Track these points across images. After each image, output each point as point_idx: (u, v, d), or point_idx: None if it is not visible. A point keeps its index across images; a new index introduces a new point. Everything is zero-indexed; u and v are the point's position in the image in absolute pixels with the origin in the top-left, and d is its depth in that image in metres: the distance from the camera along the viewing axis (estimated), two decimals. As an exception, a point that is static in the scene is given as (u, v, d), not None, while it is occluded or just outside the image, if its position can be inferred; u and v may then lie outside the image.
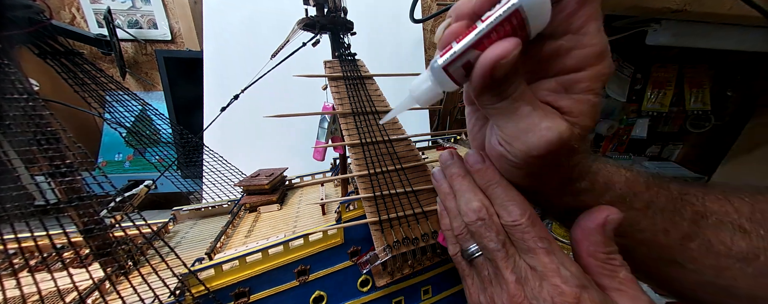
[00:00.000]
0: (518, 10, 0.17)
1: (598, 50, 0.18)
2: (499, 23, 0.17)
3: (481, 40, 0.18)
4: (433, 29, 1.16)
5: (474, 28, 0.18)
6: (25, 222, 0.29)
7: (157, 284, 0.33)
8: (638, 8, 0.66)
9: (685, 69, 1.12)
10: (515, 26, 0.17)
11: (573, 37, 0.18)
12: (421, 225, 0.41)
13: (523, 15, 0.17)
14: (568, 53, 0.19)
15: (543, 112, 0.20)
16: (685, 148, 1.30)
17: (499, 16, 0.17)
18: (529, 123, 0.20)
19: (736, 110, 1.19)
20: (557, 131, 0.19)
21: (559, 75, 0.20)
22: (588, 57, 0.19)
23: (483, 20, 0.18)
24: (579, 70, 0.19)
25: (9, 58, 0.32)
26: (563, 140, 0.19)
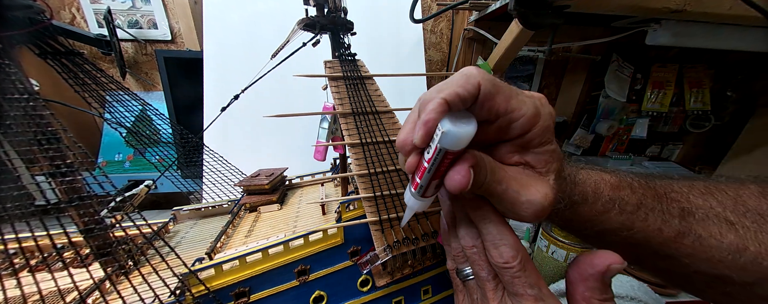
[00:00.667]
0: (447, 152, 0.20)
1: (530, 114, 0.22)
2: (440, 162, 0.21)
3: (436, 173, 0.21)
4: (433, 29, 1.16)
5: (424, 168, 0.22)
6: (25, 222, 0.29)
7: (157, 283, 0.33)
8: (638, 8, 0.66)
9: (685, 69, 1.12)
10: (451, 158, 0.20)
11: (505, 117, 0.22)
12: (421, 225, 0.41)
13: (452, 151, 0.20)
14: (509, 126, 0.22)
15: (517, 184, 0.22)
16: (685, 148, 1.30)
17: (435, 159, 0.21)
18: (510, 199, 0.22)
19: (736, 110, 1.19)
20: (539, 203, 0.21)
21: (513, 140, 0.23)
22: (526, 123, 0.22)
23: (427, 160, 0.21)
24: (525, 132, 0.22)
25: (9, 58, 0.32)
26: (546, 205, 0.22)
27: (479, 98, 0.21)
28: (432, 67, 1.21)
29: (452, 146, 0.20)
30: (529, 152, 0.23)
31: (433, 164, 0.21)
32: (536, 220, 0.23)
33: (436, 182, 0.22)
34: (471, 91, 0.20)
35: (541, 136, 0.22)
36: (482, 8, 0.88)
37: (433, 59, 1.20)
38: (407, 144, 0.22)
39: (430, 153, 0.21)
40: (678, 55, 1.12)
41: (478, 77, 0.20)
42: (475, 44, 1.07)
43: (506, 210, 0.23)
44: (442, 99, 0.20)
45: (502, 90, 0.21)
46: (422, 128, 0.20)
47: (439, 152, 0.20)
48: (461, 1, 0.86)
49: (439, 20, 1.15)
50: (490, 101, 0.21)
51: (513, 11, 0.65)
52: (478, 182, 0.21)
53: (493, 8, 0.83)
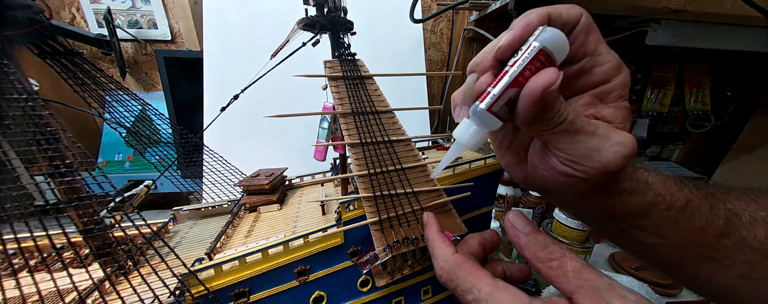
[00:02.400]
0: (542, 49, 0.19)
1: (615, 64, 0.22)
2: (529, 62, 0.19)
3: (517, 79, 0.20)
4: (433, 29, 1.16)
5: (505, 73, 0.20)
6: (24, 222, 0.29)
7: (156, 284, 0.33)
8: (638, 8, 0.66)
9: (685, 69, 1.12)
10: (543, 61, 0.20)
11: (591, 59, 0.22)
12: (421, 225, 0.41)
13: (547, 51, 0.19)
14: (591, 71, 0.22)
15: (606, 129, 0.22)
16: (685, 148, 1.30)
17: (526, 58, 0.19)
18: (599, 141, 0.21)
19: (736, 110, 1.19)
20: (630, 145, 0.21)
21: (591, 89, 0.23)
22: (609, 70, 0.22)
23: (511, 64, 0.20)
24: (606, 82, 0.22)
25: (9, 58, 0.32)
26: (634, 151, 0.21)
27: (577, 27, 0.21)
28: (432, 67, 1.21)
29: (551, 44, 0.19)
30: (607, 105, 0.23)
31: (521, 65, 0.19)
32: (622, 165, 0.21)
33: (513, 92, 0.20)
34: (573, 16, 0.20)
35: (622, 89, 0.22)
36: (482, 8, 0.88)
37: (433, 59, 1.20)
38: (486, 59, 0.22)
39: (519, 54, 0.20)
40: (678, 55, 1.12)
41: (581, 9, 0.21)
42: (475, 44, 1.07)
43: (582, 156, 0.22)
44: (547, 10, 0.20)
45: (597, 31, 0.21)
46: (519, 29, 0.20)
47: (531, 51, 0.19)
48: (461, 1, 0.86)
49: (439, 20, 1.15)
50: (585, 35, 0.21)
51: (513, 11, 0.65)
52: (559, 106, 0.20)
53: (493, 8, 0.83)
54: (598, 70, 0.22)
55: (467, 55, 1.09)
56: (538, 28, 0.20)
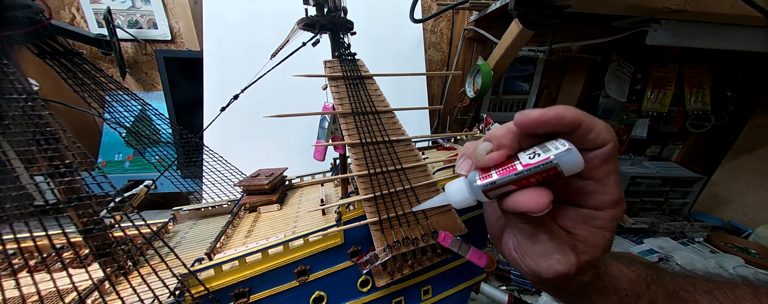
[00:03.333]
0: (556, 167, 0.20)
1: (615, 198, 0.22)
2: (538, 172, 0.20)
3: (520, 180, 0.21)
4: (433, 29, 1.16)
5: (513, 168, 0.21)
6: (24, 222, 0.29)
7: (156, 284, 0.33)
8: (638, 8, 0.66)
9: (685, 69, 1.12)
10: (551, 176, 0.20)
11: (595, 184, 0.22)
12: (421, 225, 0.41)
13: (558, 169, 0.20)
14: (590, 195, 0.22)
15: (557, 243, 0.23)
16: (685, 148, 1.30)
17: (537, 167, 0.20)
18: (544, 250, 0.23)
19: (736, 110, 1.19)
20: (566, 265, 0.22)
21: (581, 208, 0.23)
22: (607, 202, 0.22)
23: (524, 165, 0.21)
24: (598, 209, 0.23)
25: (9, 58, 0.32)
26: (570, 274, 0.23)
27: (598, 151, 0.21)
28: (432, 67, 1.21)
29: (565, 166, 0.19)
30: (587, 227, 0.23)
31: (530, 172, 0.20)
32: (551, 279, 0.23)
33: (510, 188, 0.21)
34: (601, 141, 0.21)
35: (609, 222, 0.23)
36: (482, 8, 0.88)
37: (433, 59, 1.20)
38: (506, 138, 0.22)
39: (534, 160, 0.20)
40: (678, 55, 1.12)
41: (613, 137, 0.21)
42: (475, 44, 1.07)
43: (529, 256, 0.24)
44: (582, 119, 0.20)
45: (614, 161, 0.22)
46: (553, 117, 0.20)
47: (546, 164, 0.20)
48: (461, 1, 0.86)
49: (439, 20, 1.15)
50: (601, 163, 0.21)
51: (513, 11, 0.65)
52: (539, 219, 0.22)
53: (493, 8, 0.83)
54: (596, 197, 0.22)
55: (467, 55, 1.09)
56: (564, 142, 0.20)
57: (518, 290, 0.80)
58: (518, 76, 1.20)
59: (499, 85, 1.18)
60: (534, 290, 0.80)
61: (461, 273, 0.50)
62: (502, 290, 0.76)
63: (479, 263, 0.38)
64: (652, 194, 1.12)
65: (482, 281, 0.73)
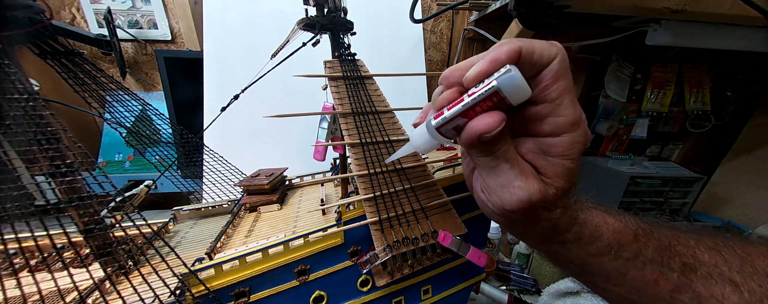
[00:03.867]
0: (498, 91, 0.19)
1: (571, 120, 0.21)
2: (482, 100, 0.20)
3: (467, 111, 0.21)
4: (433, 29, 1.16)
5: (461, 101, 0.21)
6: (25, 222, 0.29)
7: (157, 283, 0.33)
8: (638, 8, 0.66)
9: (685, 69, 1.12)
10: (496, 102, 0.20)
11: (549, 106, 0.21)
12: (421, 225, 0.41)
13: (501, 95, 0.19)
14: (545, 119, 0.21)
15: (519, 171, 0.22)
16: (685, 148, 1.30)
17: (480, 95, 0.20)
18: (506, 179, 0.22)
19: (736, 110, 1.19)
20: (527, 192, 0.21)
21: (538, 137, 0.22)
22: (562, 125, 0.21)
23: (469, 95, 0.21)
24: (554, 135, 0.21)
25: (9, 58, 0.32)
26: (533, 201, 0.21)
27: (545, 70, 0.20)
28: (432, 67, 1.21)
29: (507, 90, 0.19)
30: (546, 158, 0.22)
31: (474, 100, 0.20)
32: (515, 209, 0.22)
33: (461, 121, 0.21)
34: (545, 58, 0.20)
35: (567, 148, 0.21)
36: (482, 8, 0.88)
37: (433, 59, 1.20)
38: (455, 76, 0.22)
39: (478, 88, 0.20)
40: (678, 55, 1.12)
41: (560, 51, 0.20)
42: (475, 44, 1.07)
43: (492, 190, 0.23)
44: (520, 46, 0.19)
45: (567, 78, 0.20)
46: (486, 64, 0.20)
47: (489, 89, 0.19)
48: (461, 1, 0.86)
49: (439, 20, 1.15)
50: (552, 81, 0.20)
51: (513, 11, 0.65)
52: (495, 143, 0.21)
53: (493, 8, 0.83)
54: (551, 121, 0.21)
55: (467, 55, 1.09)
56: (505, 65, 0.19)
57: (518, 290, 0.80)
58: (518, 76, 1.20)
59: (499, 85, 1.18)
60: (533, 291, 0.80)
61: (461, 273, 0.50)
62: (502, 290, 0.76)
63: (479, 262, 0.38)
64: (651, 194, 1.12)
65: (482, 281, 0.73)
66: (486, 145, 0.21)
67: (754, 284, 0.21)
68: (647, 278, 0.23)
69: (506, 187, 0.22)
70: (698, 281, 0.22)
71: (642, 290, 0.23)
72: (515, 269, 0.85)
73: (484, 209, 0.26)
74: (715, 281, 0.22)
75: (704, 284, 0.22)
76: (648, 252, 0.23)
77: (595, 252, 0.24)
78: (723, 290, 0.21)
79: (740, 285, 0.21)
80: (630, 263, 0.23)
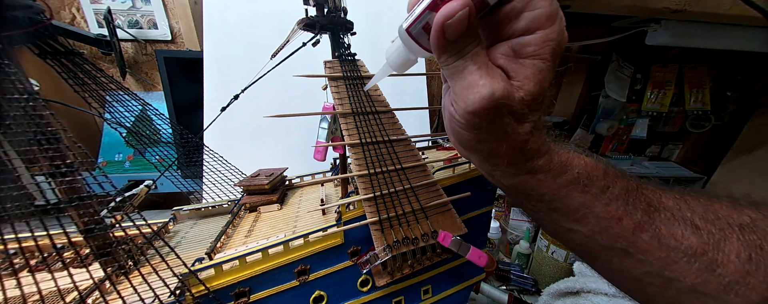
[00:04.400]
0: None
1: (546, 12, 0.19)
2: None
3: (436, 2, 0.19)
4: (433, 29, 1.16)
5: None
6: (25, 222, 0.29)
7: (157, 283, 0.33)
8: (638, 8, 0.66)
9: (685, 69, 1.12)
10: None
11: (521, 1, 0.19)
12: (421, 225, 0.41)
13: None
14: (519, 15, 0.20)
15: (486, 71, 0.21)
16: (685, 148, 1.30)
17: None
18: (471, 81, 0.21)
19: (736, 110, 1.19)
20: (490, 89, 0.20)
21: (511, 38, 0.21)
22: (537, 19, 0.19)
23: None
24: (528, 32, 0.20)
25: (9, 58, 0.32)
26: (496, 98, 0.20)
27: None
28: (432, 67, 1.21)
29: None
30: (517, 59, 0.21)
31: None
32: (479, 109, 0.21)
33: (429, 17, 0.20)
34: None
35: (538, 46, 0.20)
36: (482, 8, 0.88)
37: (433, 59, 1.20)
38: None
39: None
40: (678, 55, 1.12)
41: None
42: (475, 44, 1.07)
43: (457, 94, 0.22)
44: None
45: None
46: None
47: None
48: (461, 1, 0.86)
49: (439, 20, 1.15)
50: None
51: (513, 11, 0.65)
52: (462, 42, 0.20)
53: (493, 8, 0.83)
54: (526, 16, 0.20)
55: (467, 55, 1.09)
56: None
57: (518, 290, 0.80)
58: (518, 76, 1.20)
59: (499, 85, 1.18)
60: (533, 291, 0.80)
61: (461, 273, 0.50)
62: (502, 289, 0.76)
63: (479, 262, 0.38)
64: (652, 193, 1.12)
65: (482, 281, 0.73)
66: (454, 44, 0.20)
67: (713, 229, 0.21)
68: (612, 214, 0.23)
69: (471, 87, 0.21)
70: (661, 222, 0.22)
71: (605, 227, 0.23)
72: (515, 269, 0.85)
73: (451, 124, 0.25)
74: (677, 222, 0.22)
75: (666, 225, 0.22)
76: (615, 190, 0.23)
77: (563, 183, 0.23)
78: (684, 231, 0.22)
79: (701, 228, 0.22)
80: (597, 199, 0.23)
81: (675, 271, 0.21)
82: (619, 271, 0.25)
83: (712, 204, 0.23)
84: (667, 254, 0.22)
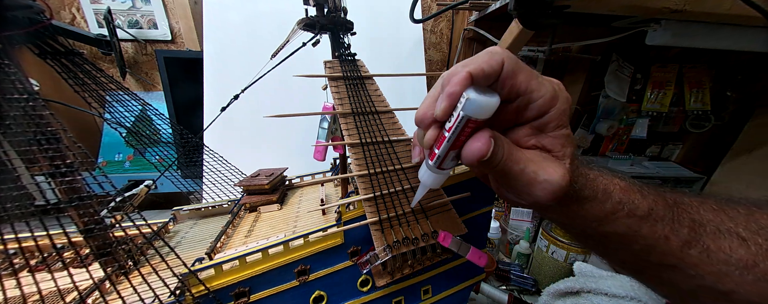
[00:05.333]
0: (469, 118, 0.21)
1: (548, 97, 0.22)
2: (460, 130, 0.21)
3: (455, 143, 0.22)
4: (433, 29, 1.16)
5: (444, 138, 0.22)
6: (25, 222, 0.29)
7: (157, 283, 0.33)
8: (638, 8, 0.66)
9: (685, 69, 1.12)
10: (475, 125, 0.21)
11: (524, 97, 0.22)
12: (421, 225, 0.41)
13: (473, 118, 0.21)
14: (527, 107, 0.23)
15: (536, 166, 0.23)
16: (685, 149, 1.30)
17: (457, 126, 0.21)
18: (528, 179, 0.23)
19: (736, 110, 1.19)
20: (556, 182, 0.22)
21: (529, 122, 0.24)
22: (544, 104, 0.22)
23: (447, 130, 0.22)
24: (542, 114, 0.23)
25: (9, 58, 0.32)
26: (563, 185, 0.22)
27: (501, 75, 0.21)
28: (432, 67, 1.21)
29: (475, 114, 0.20)
30: (545, 135, 0.23)
31: (454, 133, 0.21)
32: (551, 200, 0.22)
33: (454, 153, 0.23)
34: (495, 67, 0.21)
35: (558, 119, 0.23)
36: (482, 8, 0.88)
37: (433, 59, 1.20)
38: (427, 117, 0.23)
39: (452, 122, 0.21)
40: (678, 55, 1.12)
41: (502, 55, 0.21)
42: (475, 44, 1.07)
43: (520, 192, 0.24)
44: (467, 72, 0.20)
45: (523, 70, 0.22)
46: (446, 100, 0.21)
47: (460, 120, 0.21)
48: (461, 1, 0.86)
49: (439, 20, 1.15)
50: (512, 79, 0.21)
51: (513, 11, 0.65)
52: (495, 158, 0.22)
53: (493, 8, 0.83)
54: (533, 106, 0.23)
55: (467, 55, 1.09)
56: (463, 94, 0.21)
57: (518, 290, 0.80)
58: (518, 76, 1.20)
59: (499, 85, 1.18)
60: (533, 291, 0.80)
61: (461, 273, 0.50)
62: (502, 289, 0.76)
63: (479, 262, 0.38)
64: (652, 194, 1.12)
65: (482, 281, 0.73)
66: (489, 162, 0.22)
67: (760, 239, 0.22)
68: (659, 234, 0.23)
69: (532, 185, 0.23)
70: (707, 237, 0.23)
71: (654, 246, 0.24)
72: (515, 269, 0.85)
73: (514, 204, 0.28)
74: (723, 236, 0.22)
75: (713, 239, 0.22)
76: (658, 209, 0.24)
77: (610, 210, 0.24)
78: (731, 244, 0.22)
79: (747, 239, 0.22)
80: (643, 221, 0.24)
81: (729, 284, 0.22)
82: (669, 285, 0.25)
83: (753, 214, 0.23)
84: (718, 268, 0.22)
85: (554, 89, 0.23)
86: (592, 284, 0.60)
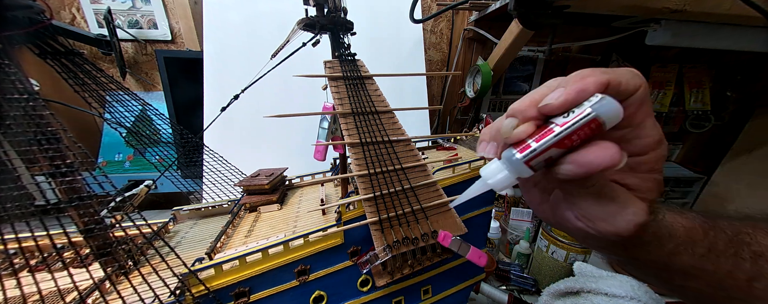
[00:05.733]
0: (596, 118, 0.19)
1: (656, 139, 0.22)
2: (579, 128, 0.19)
3: (563, 140, 0.20)
4: (433, 29, 1.16)
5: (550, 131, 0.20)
6: (25, 222, 0.29)
7: (157, 283, 0.33)
8: (638, 8, 0.66)
9: (685, 69, 1.12)
10: (593, 128, 0.19)
11: (634, 130, 0.22)
12: (421, 225, 0.41)
13: (600, 121, 0.19)
14: (631, 141, 0.22)
15: (625, 198, 0.23)
16: (685, 148, 1.30)
17: (578, 122, 0.19)
18: (616, 208, 0.22)
19: (736, 110, 1.19)
20: (643, 217, 0.22)
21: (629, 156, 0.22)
22: (649, 145, 0.22)
23: (560, 125, 0.20)
24: (641, 154, 0.22)
25: (9, 58, 0.32)
26: (645, 222, 0.22)
27: (631, 99, 0.21)
28: (432, 67, 1.21)
29: (606, 116, 0.19)
30: (635, 174, 0.23)
31: (568, 128, 0.19)
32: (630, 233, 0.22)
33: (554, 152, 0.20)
34: (632, 87, 0.20)
35: (655, 163, 0.23)
36: (482, 8, 0.88)
37: (433, 59, 1.20)
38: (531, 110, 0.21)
39: (570, 117, 0.19)
40: (678, 55, 1.12)
41: (643, 80, 0.21)
42: (475, 44, 1.07)
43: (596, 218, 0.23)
44: (607, 78, 0.19)
45: (649, 104, 0.22)
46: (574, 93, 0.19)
47: (584, 117, 0.19)
48: (461, 1, 0.86)
49: (439, 20, 1.15)
50: (637, 107, 0.21)
51: (513, 11, 0.65)
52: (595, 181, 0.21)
53: (493, 8, 0.83)
54: (637, 143, 0.22)
55: (467, 55, 1.09)
56: (595, 94, 0.19)
57: (518, 290, 0.80)
58: (518, 76, 1.20)
59: (499, 86, 1.18)
60: (533, 291, 0.80)
61: (461, 273, 0.50)
62: (502, 289, 0.76)
63: (479, 262, 0.38)
64: (652, 193, 1.12)
65: (482, 281, 0.73)
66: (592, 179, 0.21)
67: None
68: (722, 270, 0.24)
69: (617, 214, 0.22)
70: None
71: (718, 282, 0.24)
72: (515, 269, 0.85)
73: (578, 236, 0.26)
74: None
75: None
76: (719, 245, 0.24)
77: (672, 251, 0.24)
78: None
79: None
80: (705, 259, 0.24)
81: None
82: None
83: None
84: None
85: (662, 134, 0.22)
86: (592, 284, 0.60)
